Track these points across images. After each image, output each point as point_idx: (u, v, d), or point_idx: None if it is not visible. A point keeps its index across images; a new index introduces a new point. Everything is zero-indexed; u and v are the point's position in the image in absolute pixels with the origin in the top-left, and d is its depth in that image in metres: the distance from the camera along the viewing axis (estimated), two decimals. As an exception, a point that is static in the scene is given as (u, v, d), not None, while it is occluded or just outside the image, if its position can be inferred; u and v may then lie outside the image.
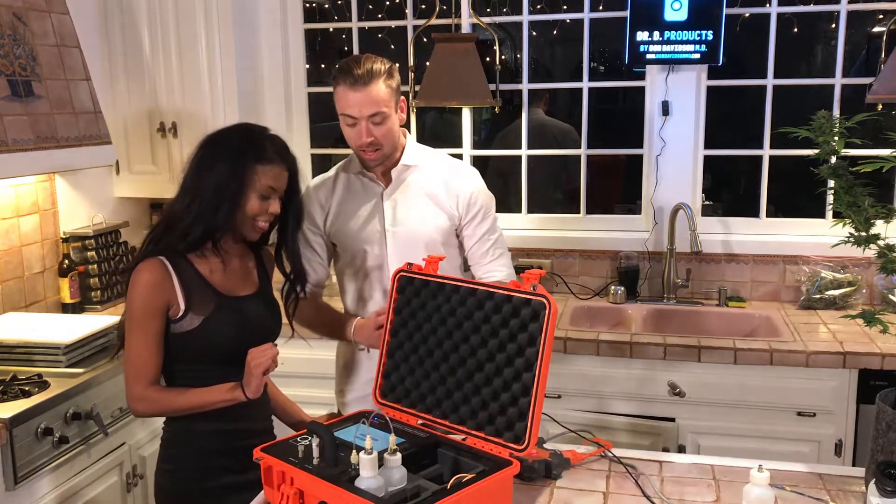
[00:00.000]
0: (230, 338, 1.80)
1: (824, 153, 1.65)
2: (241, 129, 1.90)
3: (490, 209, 2.23)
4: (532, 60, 3.46)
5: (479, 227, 2.19)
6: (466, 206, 2.17)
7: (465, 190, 2.17)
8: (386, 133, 2.04)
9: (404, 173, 2.16)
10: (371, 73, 1.98)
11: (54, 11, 2.75)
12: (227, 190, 1.77)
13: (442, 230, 2.16)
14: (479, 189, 2.20)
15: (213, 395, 1.77)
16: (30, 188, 2.91)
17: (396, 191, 2.16)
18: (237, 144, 1.81)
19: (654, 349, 2.65)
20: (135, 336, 1.78)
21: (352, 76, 1.98)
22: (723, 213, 3.35)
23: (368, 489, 1.37)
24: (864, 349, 2.54)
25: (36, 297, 2.96)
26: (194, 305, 1.79)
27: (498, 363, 1.64)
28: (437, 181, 2.17)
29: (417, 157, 2.16)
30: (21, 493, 2.13)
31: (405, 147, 2.16)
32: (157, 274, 1.77)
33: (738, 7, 3.17)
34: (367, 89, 1.97)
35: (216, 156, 1.80)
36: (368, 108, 1.99)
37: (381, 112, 2.00)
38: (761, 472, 1.49)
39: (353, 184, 2.19)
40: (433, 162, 2.20)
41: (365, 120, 2.00)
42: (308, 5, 3.56)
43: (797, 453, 2.53)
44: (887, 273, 1.61)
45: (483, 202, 2.20)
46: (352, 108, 2.00)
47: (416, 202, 2.15)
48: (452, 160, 2.27)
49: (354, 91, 1.98)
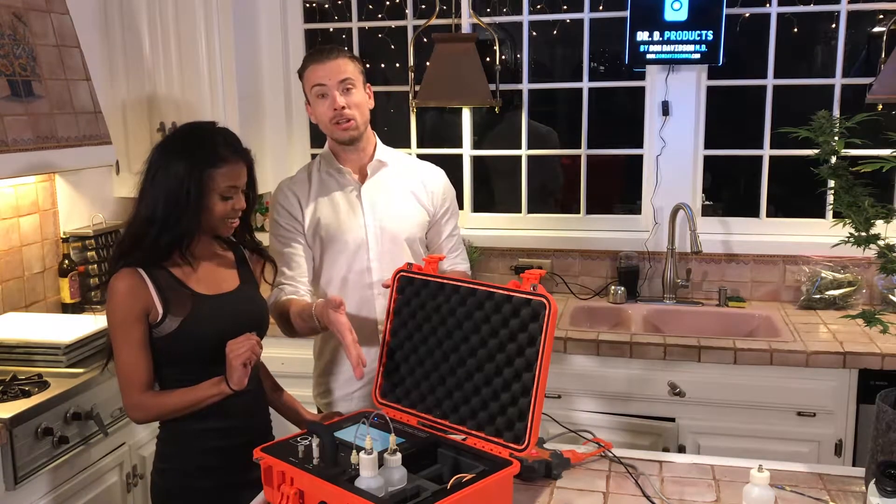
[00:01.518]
0: (211, 336, 1.79)
1: (824, 153, 1.65)
2: (189, 133, 1.85)
3: (456, 206, 2.35)
4: (532, 60, 3.46)
5: (449, 223, 2.29)
6: (441, 202, 2.26)
7: (440, 187, 2.26)
8: (357, 104, 2.10)
9: (379, 169, 2.19)
10: (337, 49, 2.11)
11: (54, 11, 2.75)
12: (186, 198, 1.75)
13: (422, 225, 2.23)
14: (449, 186, 2.31)
15: (201, 391, 1.78)
16: (30, 188, 2.91)
17: (373, 186, 2.18)
18: (189, 150, 1.78)
19: (654, 349, 2.65)
20: (120, 346, 1.78)
21: (318, 53, 2.11)
22: (723, 213, 3.35)
23: (368, 489, 1.37)
24: (864, 349, 2.54)
25: (36, 297, 2.96)
26: (172, 308, 1.78)
27: (498, 363, 1.64)
28: (414, 178, 2.23)
29: (389, 155, 2.23)
30: (21, 493, 2.13)
31: (376, 145, 2.22)
32: (131, 281, 1.76)
33: (738, 7, 3.17)
34: (336, 61, 2.08)
35: (169, 165, 1.76)
36: (337, 74, 2.07)
37: (349, 78, 2.08)
38: (761, 472, 1.49)
39: (328, 181, 2.19)
40: (404, 160, 2.29)
41: (336, 87, 2.07)
42: (308, 5, 3.56)
43: (797, 453, 2.53)
44: (887, 273, 1.61)
45: (452, 199, 2.31)
46: (321, 77, 2.08)
47: (395, 197, 2.19)
48: (416, 159, 2.38)
49: (322, 63, 2.08)
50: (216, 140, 1.80)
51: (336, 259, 2.16)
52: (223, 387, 1.76)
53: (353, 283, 2.16)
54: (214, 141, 1.80)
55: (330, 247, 2.16)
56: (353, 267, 2.15)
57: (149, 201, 1.78)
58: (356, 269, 2.15)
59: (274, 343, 2.22)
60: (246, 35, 3.32)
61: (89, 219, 3.16)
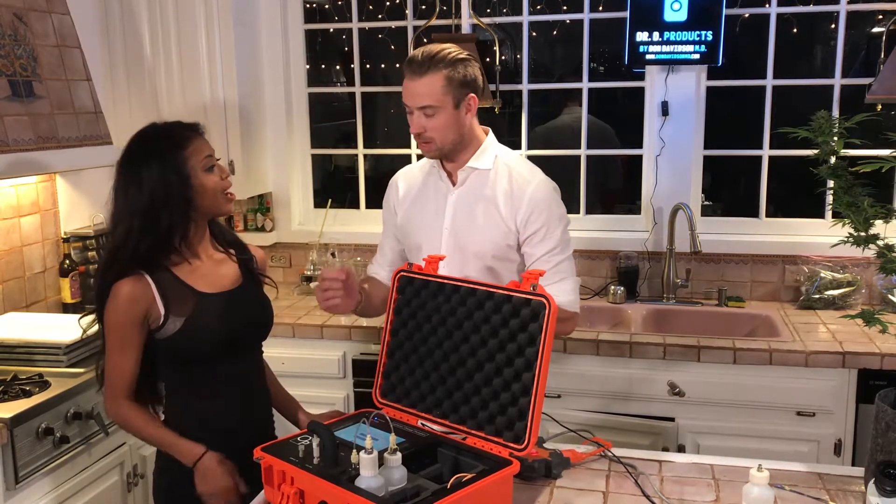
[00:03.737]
0: (214, 334, 1.80)
1: (824, 153, 1.65)
2: (141, 138, 1.84)
3: (555, 226, 2.01)
4: (532, 60, 3.45)
5: (541, 246, 2.00)
6: (526, 221, 2.00)
7: (526, 202, 1.99)
8: (438, 128, 1.96)
9: (470, 176, 2.06)
10: (431, 61, 1.93)
11: (55, 12, 2.75)
12: (171, 189, 1.75)
13: (495, 242, 2.02)
14: (543, 202, 2.00)
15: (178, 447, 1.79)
16: (30, 188, 2.91)
17: (460, 193, 2.08)
18: (153, 149, 1.78)
19: (653, 349, 2.65)
20: (111, 348, 1.78)
21: (412, 63, 1.95)
22: (722, 213, 3.35)
23: (368, 489, 1.37)
24: (864, 349, 2.54)
25: (37, 297, 2.96)
26: (174, 308, 1.78)
27: (498, 363, 1.64)
28: (499, 189, 2.03)
29: (489, 160, 2.05)
30: (21, 493, 2.13)
31: (481, 147, 2.06)
32: (135, 286, 1.75)
33: (738, 7, 3.17)
34: (423, 79, 1.93)
35: (142, 173, 1.76)
36: (419, 99, 1.94)
37: (432, 105, 1.94)
38: (761, 472, 1.49)
39: (430, 179, 2.15)
40: (504, 167, 2.05)
41: (417, 110, 1.96)
42: (308, 6, 3.56)
43: (797, 453, 2.53)
44: (887, 273, 1.62)
45: (546, 218, 2.00)
46: (406, 97, 1.98)
47: (474, 209, 2.05)
48: (527, 166, 2.09)
49: (410, 79, 1.95)
50: (169, 130, 1.82)
51: (414, 258, 2.11)
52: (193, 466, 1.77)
53: None
54: (168, 131, 1.82)
55: (410, 245, 2.16)
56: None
57: (125, 216, 1.77)
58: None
59: (274, 343, 2.22)
60: (246, 35, 3.32)
61: (90, 219, 3.16)
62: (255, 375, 1.95)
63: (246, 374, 1.91)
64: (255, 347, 1.97)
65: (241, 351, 1.88)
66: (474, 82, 2.00)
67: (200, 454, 1.78)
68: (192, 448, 1.79)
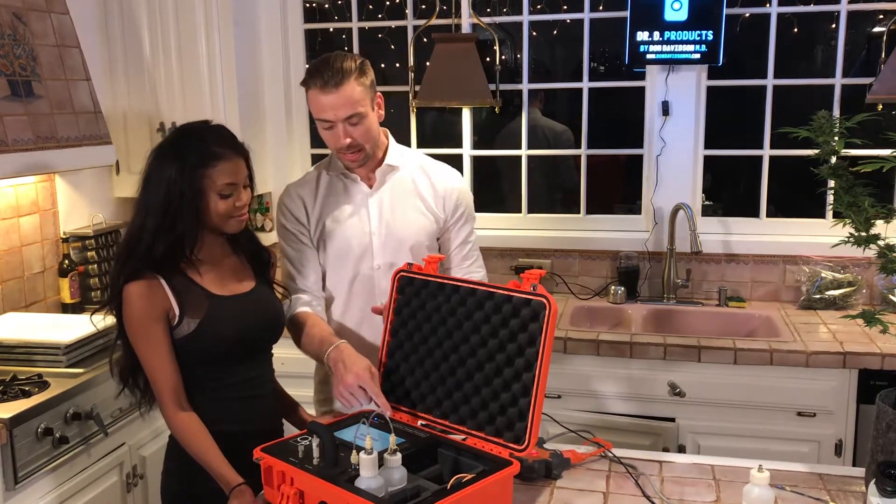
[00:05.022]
0: (229, 336, 1.79)
1: (824, 153, 1.65)
2: (180, 135, 1.82)
3: (472, 211, 2.21)
4: (532, 60, 3.46)
5: (462, 230, 2.18)
6: (453, 209, 2.15)
7: (452, 192, 2.14)
8: (364, 133, 1.98)
9: (389, 174, 2.11)
10: (342, 72, 1.92)
11: (54, 11, 2.75)
12: (180, 201, 1.72)
13: (428, 232, 2.12)
14: (465, 191, 2.19)
15: (220, 469, 1.70)
16: (30, 188, 2.91)
17: (381, 192, 2.11)
18: (180, 153, 1.75)
19: (654, 349, 2.65)
20: (143, 351, 1.75)
21: (322, 78, 1.92)
22: (723, 213, 3.35)
23: (368, 489, 1.37)
24: (864, 349, 2.54)
25: (36, 297, 2.96)
26: (188, 310, 1.76)
27: (498, 363, 1.64)
28: (423, 182, 2.13)
29: (401, 158, 2.13)
30: (21, 493, 2.13)
31: (388, 147, 2.12)
32: (146, 284, 1.73)
33: (738, 7, 3.17)
34: (340, 90, 1.91)
35: (162, 170, 1.74)
36: (343, 109, 1.93)
37: (357, 113, 1.94)
38: (761, 472, 1.49)
39: (336, 184, 2.13)
40: (416, 162, 2.16)
41: (341, 122, 1.95)
42: (308, 5, 3.56)
43: (797, 453, 2.53)
44: (887, 273, 1.61)
45: (467, 204, 2.18)
46: (326, 112, 1.94)
47: (402, 204, 2.11)
48: (433, 160, 2.22)
49: (326, 94, 1.92)
50: (208, 139, 1.77)
51: (342, 265, 2.12)
52: (229, 492, 1.67)
53: (357, 289, 2.13)
54: (206, 140, 1.76)
55: (335, 252, 2.12)
56: (359, 273, 2.12)
57: (142, 208, 1.76)
58: (361, 276, 2.12)
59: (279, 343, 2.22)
60: (246, 35, 3.32)
61: (89, 219, 3.16)
62: (266, 378, 1.95)
63: (257, 376, 1.90)
64: (267, 350, 1.96)
65: (254, 354, 1.88)
66: (374, 82, 2.02)
67: (237, 484, 1.69)
68: (233, 478, 1.70)
